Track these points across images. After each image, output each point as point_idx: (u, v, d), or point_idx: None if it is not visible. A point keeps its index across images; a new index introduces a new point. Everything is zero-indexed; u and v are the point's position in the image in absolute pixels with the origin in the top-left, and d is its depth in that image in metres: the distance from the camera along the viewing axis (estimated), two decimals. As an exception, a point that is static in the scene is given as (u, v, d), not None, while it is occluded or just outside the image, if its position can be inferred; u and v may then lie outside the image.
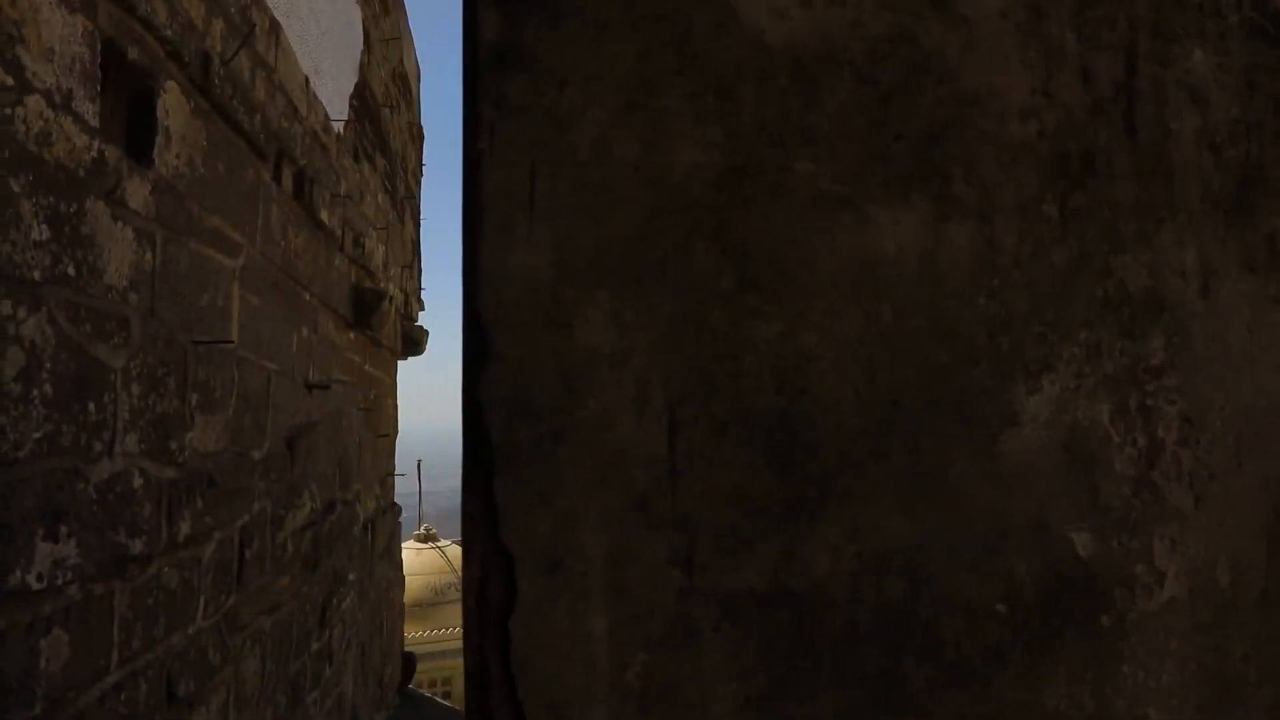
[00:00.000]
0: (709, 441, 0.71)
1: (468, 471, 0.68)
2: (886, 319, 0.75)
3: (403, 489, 9.83)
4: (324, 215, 5.69)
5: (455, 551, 17.94)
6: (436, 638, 15.16)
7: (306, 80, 5.40)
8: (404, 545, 11.72)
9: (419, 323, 9.80)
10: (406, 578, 10.86)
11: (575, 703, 0.67)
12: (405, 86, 8.59)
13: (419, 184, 10.09)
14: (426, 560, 16.48)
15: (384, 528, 8.28)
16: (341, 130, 6.20)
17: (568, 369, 0.69)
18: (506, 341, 0.68)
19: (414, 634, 13.23)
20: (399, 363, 9.29)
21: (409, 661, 9.75)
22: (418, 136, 9.84)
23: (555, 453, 0.69)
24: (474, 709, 0.66)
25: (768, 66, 0.74)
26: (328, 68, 5.81)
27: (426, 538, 17.04)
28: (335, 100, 6.04)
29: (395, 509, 9.14)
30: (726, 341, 0.73)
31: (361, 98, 6.80)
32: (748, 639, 0.71)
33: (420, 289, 9.84)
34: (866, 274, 0.75)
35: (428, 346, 9.92)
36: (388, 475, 8.67)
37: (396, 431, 9.18)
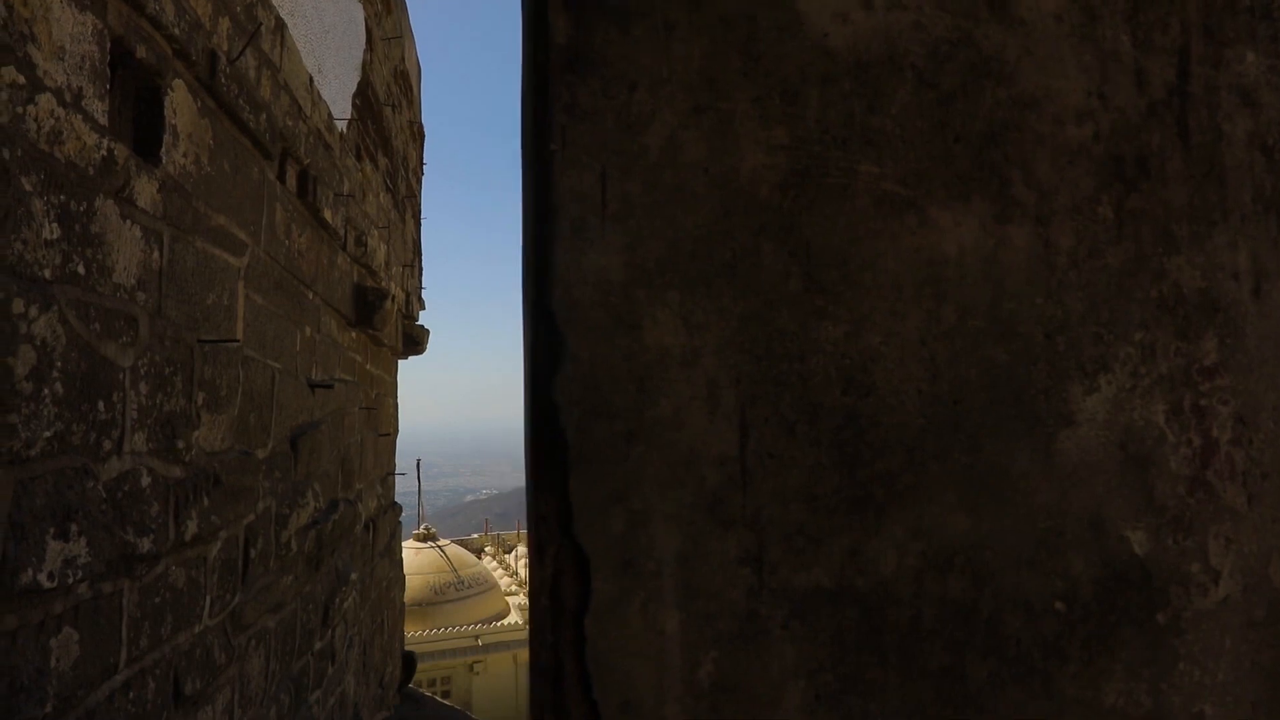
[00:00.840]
0: (778, 441, 0.72)
1: (539, 471, 0.69)
2: (949, 319, 0.76)
3: (401, 488, 9.83)
4: (327, 214, 5.68)
5: (455, 551, 17.96)
6: (435, 637, 15.16)
7: (311, 79, 5.39)
8: (403, 545, 11.72)
9: (419, 322, 9.79)
10: (405, 577, 10.85)
11: (648, 700, 0.68)
12: (406, 85, 8.58)
13: (420, 183, 10.08)
14: (426, 560, 16.48)
15: (385, 527, 8.27)
16: (344, 129, 6.19)
17: (640, 369, 0.70)
18: (580, 342, 0.69)
19: (412, 633, 13.22)
20: (398, 362, 9.29)
21: (409, 661, 9.73)
22: (418, 135, 9.82)
23: (628, 452, 0.69)
24: (546, 706, 0.67)
25: (831, 69, 0.75)
26: (331, 66, 5.80)
27: (426, 537, 17.04)
28: (339, 99, 6.03)
29: (396, 508, 9.13)
30: (794, 341, 0.73)
31: (364, 96, 6.79)
32: (816, 636, 0.71)
33: (421, 288, 9.83)
34: (929, 275, 0.76)
35: (428, 346, 9.91)
36: (388, 474, 8.67)
37: (397, 431, 9.17)
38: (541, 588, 0.67)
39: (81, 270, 2.83)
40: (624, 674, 0.67)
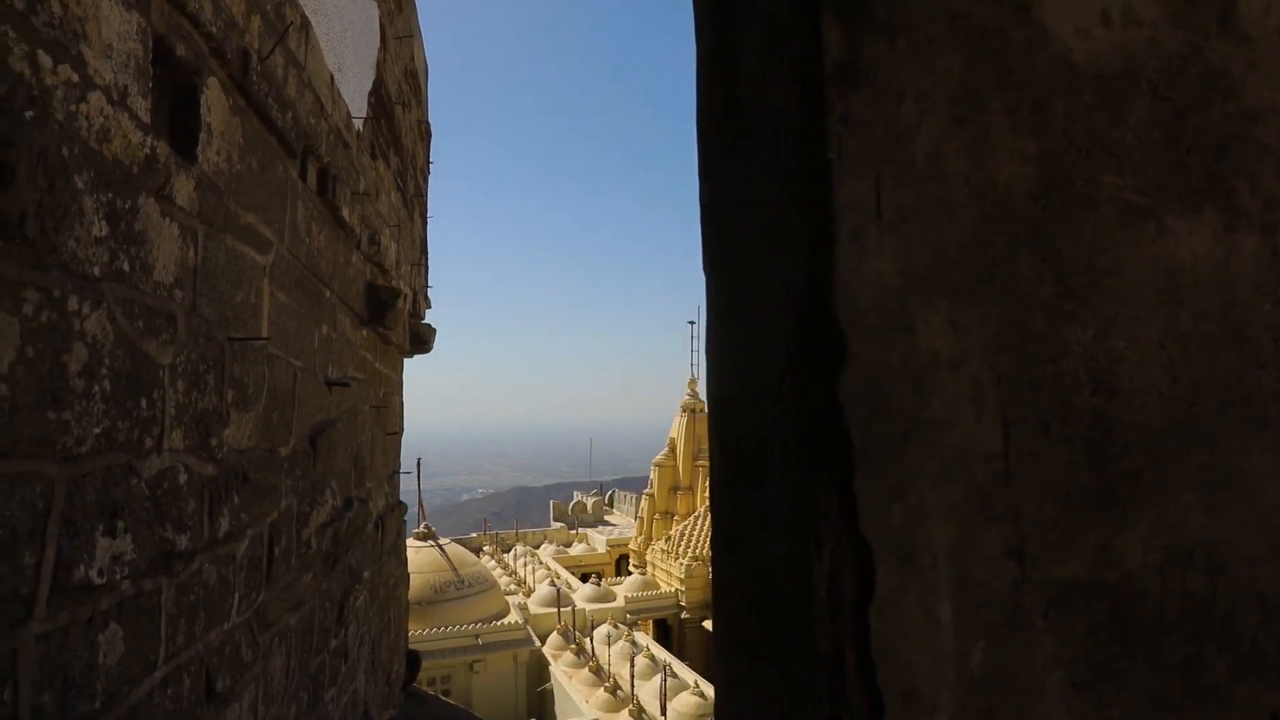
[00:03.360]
0: (1035, 439, 0.75)
1: (817, 470, 0.71)
2: (1184, 324, 0.79)
3: (400, 487, 9.81)
4: (345, 212, 5.68)
5: (455, 550, 17.86)
6: (435, 636, 15.05)
7: (332, 77, 5.39)
8: (402, 543, 11.69)
9: (425, 320, 9.77)
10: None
11: (925, 688, 0.70)
12: (415, 84, 8.56)
13: (426, 181, 10.06)
14: (426, 558, 16.38)
15: (392, 525, 8.27)
16: (360, 128, 6.19)
17: (914, 371, 0.73)
18: (861, 345, 0.71)
19: (413, 632, 13.18)
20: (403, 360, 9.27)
21: (414, 659, 9.72)
22: (426, 134, 9.80)
23: (905, 450, 0.72)
24: (823, 695, 0.69)
25: (1074, 82, 0.78)
26: (349, 65, 5.80)
27: (426, 535, 16.95)
28: (355, 97, 6.03)
29: (402, 506, 9.12)
30: (1047, 345, 0.77)
31: (378, 95, 6.79)
32: (1072, 627, 0.74)
33: (428, 286, 9.81)
34: (1167, 281, 0.79)
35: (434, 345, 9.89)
36: (394, 473, 8.66)
37: (402, 429, 9.16)
38: (819, 581, 0.70)
39: (126, 268, 2.83)
40: (904, 663, 0.70)
